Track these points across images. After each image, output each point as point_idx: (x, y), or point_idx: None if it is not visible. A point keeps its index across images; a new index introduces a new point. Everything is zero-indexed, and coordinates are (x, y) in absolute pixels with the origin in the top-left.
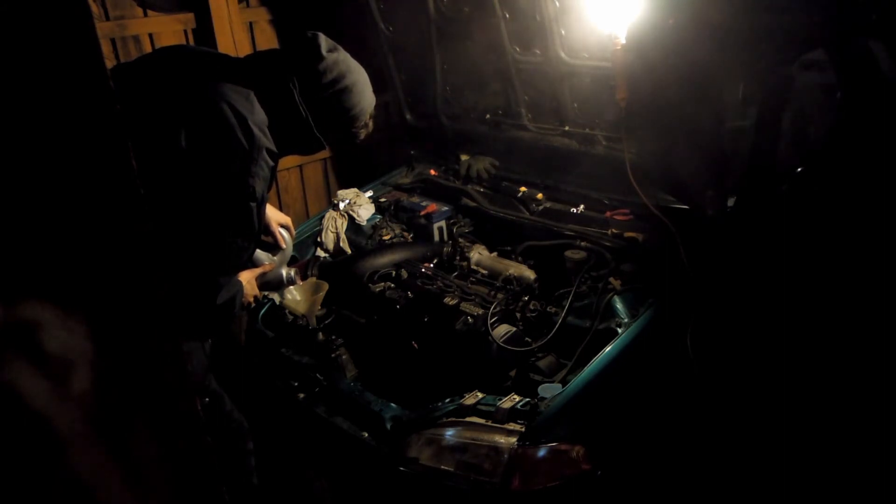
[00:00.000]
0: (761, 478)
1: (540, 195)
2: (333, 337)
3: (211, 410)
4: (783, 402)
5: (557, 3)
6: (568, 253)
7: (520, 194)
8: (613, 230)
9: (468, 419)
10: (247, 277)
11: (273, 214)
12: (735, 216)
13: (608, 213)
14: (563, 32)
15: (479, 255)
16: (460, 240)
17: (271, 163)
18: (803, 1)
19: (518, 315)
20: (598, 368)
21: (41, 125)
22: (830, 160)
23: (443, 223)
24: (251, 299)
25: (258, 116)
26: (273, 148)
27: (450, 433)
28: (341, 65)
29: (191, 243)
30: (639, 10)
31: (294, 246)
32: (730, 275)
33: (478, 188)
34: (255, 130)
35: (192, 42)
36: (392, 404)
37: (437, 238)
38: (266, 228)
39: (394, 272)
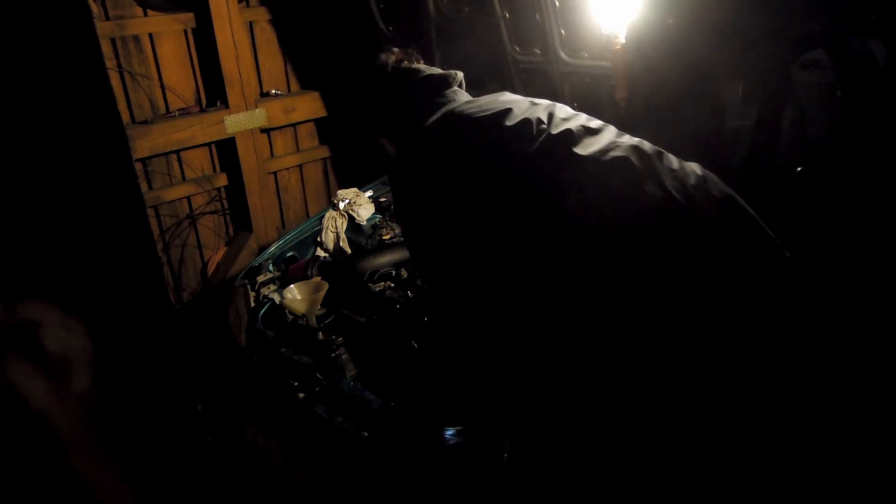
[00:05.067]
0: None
1: None
2: (333, 337)
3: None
4: (783, 403)
5: (557, 3)
6: None
7: None
8: None
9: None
10: None
11: None
12: None
13: None
14: (563, 32)
15: None
16: None
17: None
18: (803, 1)
19: None
20: None
21: (41, 124)
22: (831, 160)
23: None
24: None
25: None
26: None
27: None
28: None
29: None
30: (638, 9)
31: (294, 245)
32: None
33: None
34: None
35: (191, 41)
36: (392, 404)
37: None
38: None
39: (394, 272)
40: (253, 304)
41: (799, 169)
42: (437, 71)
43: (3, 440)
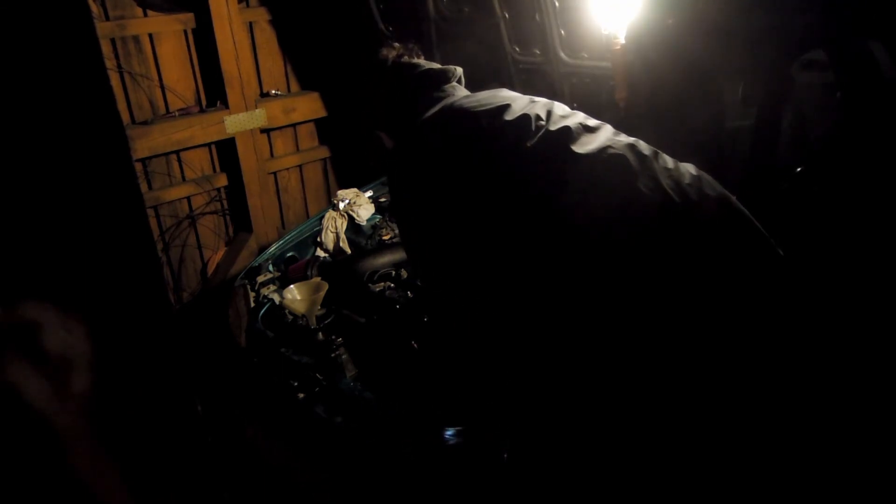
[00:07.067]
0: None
1: None
2: (333, 337)
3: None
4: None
5: (557, 4)
6: None
7: None
8: None
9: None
10: None
11: None
12: None
13: None
14: (562, 32)
15: None
16: None
17: None
18: (803, 1)
19: None
20: None
21: (42, 125)
22: (830, 160)
23: None
24: None
25: None
26: None
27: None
28: None
29: None
30: (638, 9)
31: (294, 246)
32: None
33: None
34: None
35: (191, 41)
36: (393, 404)
37: None
38: None
39: (394, 272)
40: (253, 305)
41: (799, 169)
42: (437, 66)
43: (2, 440)
